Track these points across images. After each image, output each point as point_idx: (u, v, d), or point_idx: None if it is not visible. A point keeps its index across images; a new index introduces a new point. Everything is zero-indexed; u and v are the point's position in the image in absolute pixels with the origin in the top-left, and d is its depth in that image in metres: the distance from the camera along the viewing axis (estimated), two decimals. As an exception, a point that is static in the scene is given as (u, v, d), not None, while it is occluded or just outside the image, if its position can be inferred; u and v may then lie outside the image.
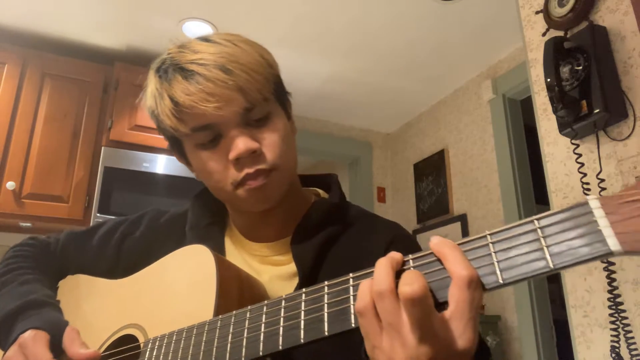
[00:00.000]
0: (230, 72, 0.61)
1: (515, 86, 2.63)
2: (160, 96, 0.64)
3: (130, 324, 0.68)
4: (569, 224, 0.38)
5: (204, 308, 0.57)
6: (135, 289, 0.72)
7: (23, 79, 2.37)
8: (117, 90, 2.48)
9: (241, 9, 2.34)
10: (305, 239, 0.67)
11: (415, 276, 0.39)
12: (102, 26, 2.49)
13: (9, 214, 2.19)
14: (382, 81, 3.01)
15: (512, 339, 2.48)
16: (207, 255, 0.61)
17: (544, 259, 0.38)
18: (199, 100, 0.60)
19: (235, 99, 0.61)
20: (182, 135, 0.65)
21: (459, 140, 3.02)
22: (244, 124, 0.63)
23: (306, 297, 0.48)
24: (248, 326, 0.51)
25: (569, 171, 1.40)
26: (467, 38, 2.57)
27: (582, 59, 1.29)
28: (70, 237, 0.86)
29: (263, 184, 0.63)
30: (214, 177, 0.65)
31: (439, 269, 0.42)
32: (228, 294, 0.59)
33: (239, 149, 0.61)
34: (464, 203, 2.88)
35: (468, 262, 0.40)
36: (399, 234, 0.71)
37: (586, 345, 1.29)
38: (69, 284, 0.83)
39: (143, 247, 0.78)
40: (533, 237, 0.39)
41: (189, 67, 0.62)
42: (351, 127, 3.62)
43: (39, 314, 0.69)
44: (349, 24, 2.46)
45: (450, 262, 0.40)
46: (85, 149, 2.40)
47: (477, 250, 0.41)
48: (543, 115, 1.50)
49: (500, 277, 0.39)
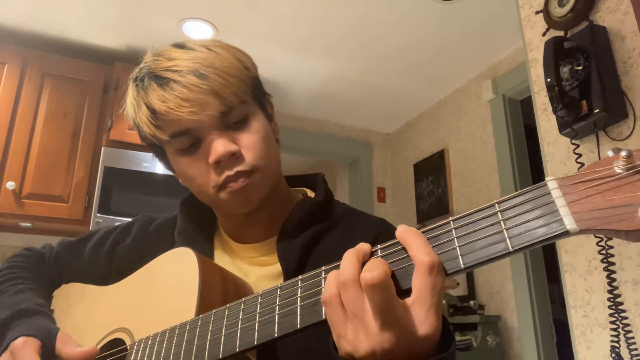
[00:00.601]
0: (204, 77, 0.61)
1: (515, 86, 2.63)
2: (138, 105, 0.65)
3: (118, 328, 0.69)
4: (528, 205, 0.38)
5: (186, 308, 0.58)
6: (124, 293, 0.73)
7: (23, 79, 2.37)
8: (117, 90, 2.48)
9: (241, 9, 2.34)
10: (290, 238, 0.68)
11: (377, 263, 0.40)
12: (102, 26, 2.49)
13: (9, 214, 2.19)
14: (382, 81, 3.01)
15: (512, 339, 2.48)
16: (190, 257, 0.62)
17: (503, 242, 0.38)
18: (174, 106, 0.61)
19: (211, 103, 0.62)
20: (163, 142, 0.66)
21: (459, 140, 3.01)
22: (222, 127, 0.63)
23: (281, 291, 0.49)
24: (226, 323, 0.51)
25: (569, 171, 1.40)
26: (467, 38, 2.57)
27: (582, 59, 1.29)
28: (63, 246, 0.87)
29: (244, 185, 0.63)
30: (196, 182, 0.66)
31: (403, 257, 0.42)
32: (211, 294, 0.59)
33: (217, 152, 0.62)
34: (464, 203, 2.88)
35: (430, 248, 0.41)
36: (385, 230, 0.71)
37: (586, 345, 1.29)
38: (62, 293, 0.84)
39: (134, 254, 0.78)
40: (494, 220, 0.39)
41: (164, 75, 0.63)
42: (351, 127, 3.62)
43: (30, 322, 0.69)
44: (349, 24, 2.46)
45: (414, 249, 0.41)
46: (85, 149, 2.41)
47: (441, 236, 0.42)
48: (543, 115, 1.50)
49: (461, 261, 0.39)
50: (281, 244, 0.68)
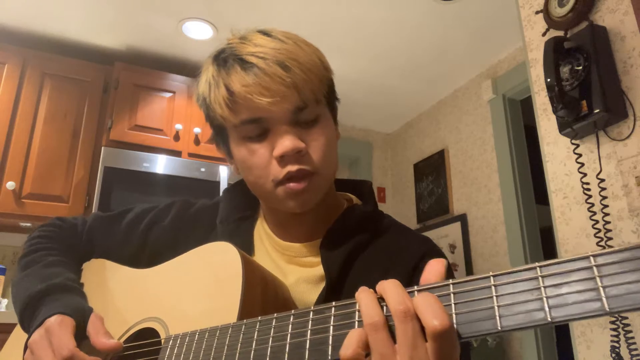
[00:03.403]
0: (288, 69, 0.61)
1: (515, 86, 2.63)
2: (216, 84, 0.64)
3: (151, 317, 0.67)
4: (630, 265, 0.34)
5: (227, 309, 0.56)
6: (159, 281, 0.71)
7: (23, 79, 2.37)
8: (117, 90, 2.48)
9: (241, 9, 2.34)
10: (335, 244, 0.67)
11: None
12: (102, 26, 2.49)
13: (9, 214, 2.19)
14: (382, 81, 3.01)
15: (512, 339, 2.48)
16: (233, 254, 0.60)
17: (599, 300, 0.34)
18: (255, 92, 0.60)
19: (289, 96, 0.61)
20: (231, 125, 0.64)
21: (459, 140, 3.01)
22: (293, 123, 0.63)
23: (335, 311, 0.46)
24: (273, 334, 0.49)
25: (569, 171, 1.40)
26: (467, 38, 2.57)
27: (582, 59, 1.29)
28: (97, 220, 0.85)
29: (304, 188, 0.62)
30: (254, 172, 0.64)
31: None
32: (252, 295, 0.58)
33: (285, 146, 0.60)
34: (464, 203, 2.88)
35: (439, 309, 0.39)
36: (431, 249, 0.70)
37: (586, 345, 1.29)
38: (93, 268, 0.82)
39: (170, 236, 0.77)
40: (588, 275, 0.36)
41: (249, 59, 0.61)
42: (351, 127, 3.62)
43: (64, 299, 0.68)
44: (349, 24, 2.46)
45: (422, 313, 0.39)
46: (85, 149, 2.41)
47: (524, 282, 0.38)
48: (543, 115, 1.50)
49: (549, 314, 0.36)
50: (325, 249, 0.67)
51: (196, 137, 2.56)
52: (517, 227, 2.48)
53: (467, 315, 0.38)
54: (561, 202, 1.42)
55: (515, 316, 0.37)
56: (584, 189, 1.30)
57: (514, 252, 2.47)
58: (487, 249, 2.67)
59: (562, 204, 1.41)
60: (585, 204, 1.31)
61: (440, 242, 2.95)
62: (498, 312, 0.37)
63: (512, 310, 0.37)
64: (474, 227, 2.78)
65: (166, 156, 2.45)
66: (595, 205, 1.29)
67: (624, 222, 1.24)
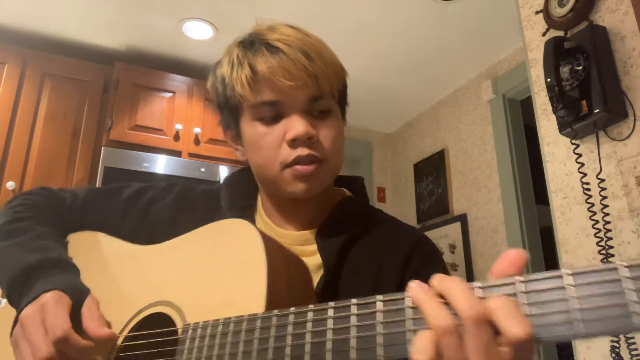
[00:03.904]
0: (311, 59, 0.64)
1: (515, 86, 2.63)
2: (240, 64, 0.66)
3: (162, 300, 0.61)
4: None
5: (253, 295, 0.51)
6: (164, 260, 0.65)
7: (23, 79, 2.36)
8: (117, 90, 2.48)
9: (241, 9, 2.34)
10: (332, 233, 0.69)
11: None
12: (102, 26, 2.49)
13: (9, 214, 2.19)
14: (382, 81, 3.01)
15: (512, 339, 2.48)
16: (251, 232, 0.56)
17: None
18: (278, 74, 0.63)
19: (310, 84, 0.64)
20: (248, 105, 0.66)
21: (459, 140, 3.02)
22: (307, 112, 0.66)
23: (384, 307, 0.41)
24: (312, 329, 0.44)
25: (569, 171, 1.40)
26: (467, 38, 2.57)
27: (582, 59, 1.29)
28: (92, 193, 0.82)
29: (312, 171, 0.64)
30: (263, 154, 0.66)
31: None
32: (278, 278, 0.53)
33: (298, 130, 0.63)
34: (464, 203, 2.88)
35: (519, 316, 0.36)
36: (422, 239, 0.72)
37: (586, 345, 1.29)
38: (84, 241, 0.76)
39: (171, 215, 0.76)
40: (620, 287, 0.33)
41: (275, 44, 0.64)
42: (351, 127, 3.62)
43: (61, 276, 0.65)
44: (349, 24, 2.46)
45: (500, 319, 0.36)
46: (85, 149, 2.41)
47: (551, 292, 0.35)
48: (543, 115, 1.50)
49: (584, 328, 0.33)
50: (321, 237, 0.69)
51: (196, 137, 2.56)
52: (517, 227, 2.48)
53: (541, 318, 0.35)
54: (561, 202, 1.42)
55: (599, 321, 0.33)
56: (584, 189, 1.30)
57: (514, 252, 2.47)
58: (487, 249, 2.67)
59: (562, 204, 1.41)
60: (585, 204, 1.31)
61: (440, 242, 2.95)
62: (581, 316, 0.33)
63: (594, 315, 0.33)
64: (474, 227, 2.78)
65: (166, 156, 2.44)
66: (595, 205, 1.29)
67: (624, 222, 1.24)
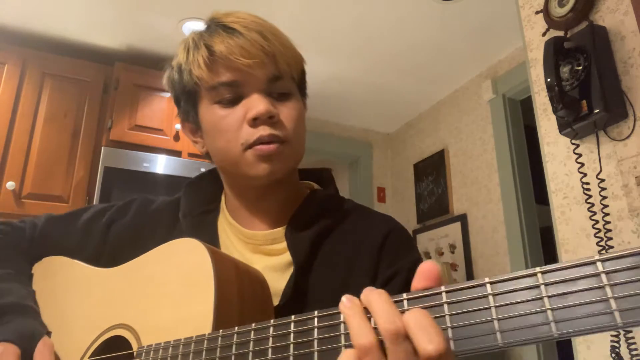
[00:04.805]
0: (268, 39, 0.64)
1: (515, 86, 2.63)
2: (196, 46, 0.65)
3: (119, 324, 0.63)
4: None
5: (202, 314, 0.54)
6: (125, 282, 0.66)
7: (23, 79, 2.36)
8: (117, 90, 2.48)
9: (241, 9, 2.34)
10: (300, 229, 0.67)
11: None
12: (102, 26, 2.49)
13: (9, 214, 2.19)
14: (382, 81, 3.01)
15: (512, 339, 2.48)
16: (202, 253, 0.57)
17: (610, 314, 0.31)
18: (236, 53, 0.62)
19: (268, 64, 0.64)
20: (206, 88, 0.65)
21: (459, 140, 3.01)
22: (267, 92, 0.65)
23: (319, 322, 0.43)
24: (253, 348, 0.46)
25: (569, 171, 1.40)
26: (467, 38, 2.57)
27: (582, 59, 1.29)
28: (50, 221, 0.82)
29: (273, 152, 0.63)
30: (224, 136, 0.64)
31: None
32: (227, 297, 0.55)
33: (258, 109, 0.62)
34: (464, 203, 2.88)
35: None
36: (395, 227, 0.70)
37: (586, 345, 1.29)
38: (48, 267, 0.77)
39: (131, 233, 0.75)
40: (596, 282, 0.32)
41: (231, 25, 0.65)
42: (351, 127, 3.62)
43: (14, 323, 0.65)
44: (349, 24, 2.46)
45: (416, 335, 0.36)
46: (85, 149, 2.40)
47: (525, 291, 0.34)
48: (543, 115, 1.50)
49: (555, 328, 0.32)
50: (290, 234, 0.67)
51: (196, 137, 2.56)
52: (517, 227, 2.48)
53: (463, 329, 0.35)
54: (561, 202, 1.41)
55: (518, 331, 0.33)
56: (584, 189, 1.30)
57: (514, 252, 2.47)
58: (487, 249, 2.67)
59: (562, 204, 1.41)
60: (585, 204, 1.31)
61: (440, 242, 2.96)
62: (498, 326, 0.34)
63: (513, 324, 0.34)
64: (474, 227, 2.78)
65: (166, 156, 2.44)
66: (595, 205, 1.29)
67: (624, 222, 1.24)
